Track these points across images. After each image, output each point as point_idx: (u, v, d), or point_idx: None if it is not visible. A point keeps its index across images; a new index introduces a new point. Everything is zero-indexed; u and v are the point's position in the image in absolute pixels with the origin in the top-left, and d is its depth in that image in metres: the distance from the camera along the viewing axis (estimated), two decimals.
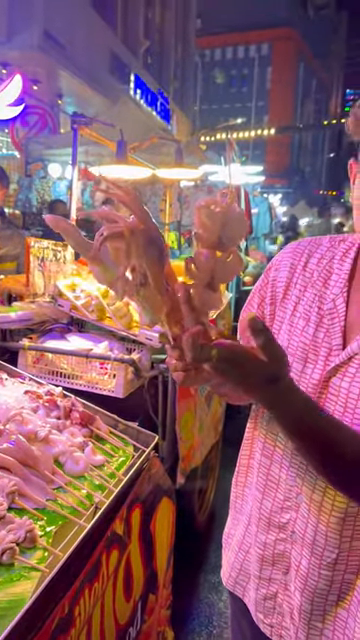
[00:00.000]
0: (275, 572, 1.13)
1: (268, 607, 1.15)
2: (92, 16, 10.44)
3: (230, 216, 0.84)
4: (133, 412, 2.36)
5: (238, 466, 1.28)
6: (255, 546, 1.16)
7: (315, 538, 1.04)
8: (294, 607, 1.09)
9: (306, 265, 1.11)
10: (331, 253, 1.10)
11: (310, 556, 1.05)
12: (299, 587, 1.07)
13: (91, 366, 2.18)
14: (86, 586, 1.27)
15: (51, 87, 9.11)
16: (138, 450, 1.71)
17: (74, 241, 0.91)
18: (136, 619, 1.60)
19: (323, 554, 1.03)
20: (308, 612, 1.07)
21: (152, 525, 1.70)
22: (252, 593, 1.19)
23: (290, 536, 1.09)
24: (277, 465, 1.12)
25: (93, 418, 1.67)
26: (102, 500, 1.39)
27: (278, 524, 1.11)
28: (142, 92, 12.46)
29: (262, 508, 1.14)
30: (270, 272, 1.16)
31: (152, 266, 0.84)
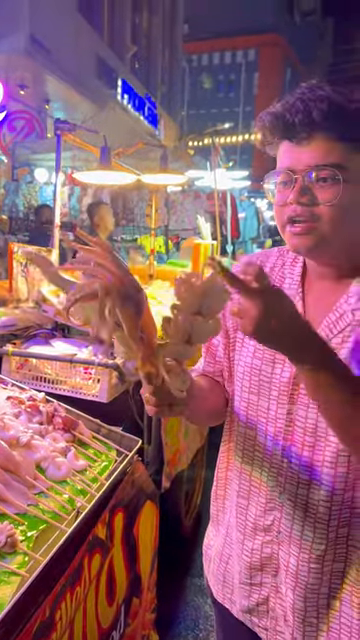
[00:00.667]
0: (265, 576, 1.15)
1: (262, 611, 1.17)
2: (79, 21, 10.44)
3: (211, 289, 0.84)
4: (118, 417, 2.37)
5: (216, 480, 1.30)
6: (243, 554, 1.18)
7: (303, 533, 1.07)
8: (287, 608, 1.11)
9: None
10: (281, 261, 1.15)
11: (299, 553, 1.07)
12: (290, 586, 1.10)
13: (75, 371, 2.18)
14: (67, 590, 1.28)
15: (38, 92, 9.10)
16: (121, 454, 1.72)
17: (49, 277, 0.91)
18: (119, 623, 1.60)
19: (312, 547, 1.06)
20: (302, 610, 1.09)
21: (135, 529, 1.71)
22: (243, 601, 1.20)
23: (276, 537, 1.12)
24: (258, 469, 1.15)
25: (76, 423, 1.68)
26: (84, 505, 1.40)
27: (263, 527, 1.14)
28: (129, 97, 12.46)
29: (248, 515, 1.17)
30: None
31: (127, 321, 0.85)
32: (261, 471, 1.14)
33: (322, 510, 1.05)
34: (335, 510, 1.04)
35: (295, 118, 0.95)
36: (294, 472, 1.07)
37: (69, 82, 9.32)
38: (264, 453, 1.12)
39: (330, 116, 0.93)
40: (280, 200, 1.00)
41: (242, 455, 1.18)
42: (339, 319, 1.03)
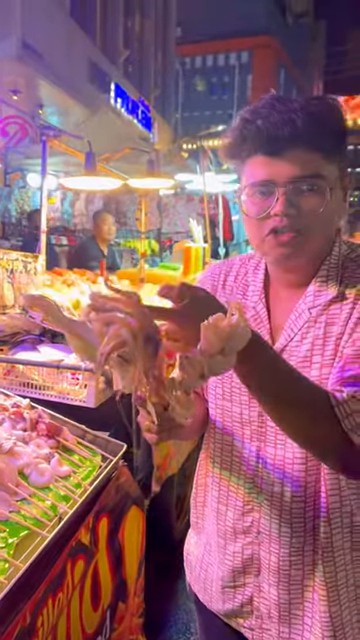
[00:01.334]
0: (247, 577, 1.17)
1: (246, 612, 1.19)
2: (71, 25, 10.45)
3: (236, 331, 0.84)
4: (107, 422, 2.37)
5: (196, 487, 1.32)
6: (225, 559, 1.20)
7: (281, 530, 1.10)
8: (271, 605, 1.13)
9: (224, 283, 1.20)
10: (244, 269, 1.19)
11: (279, 549, 1.10)
12: (274, 583, 1.12)
13: (62, 377, 2.19)
14: (49, 596, 1.29)
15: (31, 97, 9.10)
16: (106, 460, 1.73)
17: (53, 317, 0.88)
18: (105, 628, 1.61)
19: (291, 542, 1.09)
20: (287, 603, 1.12)
21: (121, 534, 1.72)
22: (227, 605, 1.22)
23: (256, 537, 1.14)
24: (235, 473, 1.17)
25: (60, 429, 1.68)
26: (66, 511, 1.41)
27: (242, 529, 1.16)
28: (123, 101, 12.46)
29: (227, 519, 1.19)
30: None
31: (146, 360, 0.85)
32: (238, 475, 1.16)
33: (296, 505, 1.08)
34: (309, 502, 1.08)
35: (273, 131, 0.95)
36: (269, 472, 1.11)
37: (62, 87, 9.32)
38: (241, 457, 1.15)
39: (309, 127, 0.95)
40: (260, 212, 1.01)
41: (220, 461, 1.20)
42: (298, 318, 1.07)
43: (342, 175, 1.03)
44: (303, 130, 0.94)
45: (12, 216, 7.52)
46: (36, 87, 9.11)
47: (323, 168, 0.98)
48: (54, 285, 2.61)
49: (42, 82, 8.91)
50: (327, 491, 1.07)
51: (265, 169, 0.99)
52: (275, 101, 0.98)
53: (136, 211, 5.42)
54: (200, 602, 1.32)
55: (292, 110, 0.95)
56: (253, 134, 0.98)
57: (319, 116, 0.96)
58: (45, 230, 3.12)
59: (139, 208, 4.58)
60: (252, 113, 0.98)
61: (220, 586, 1.23)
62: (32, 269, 2.57)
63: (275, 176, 0.98)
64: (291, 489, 1.08)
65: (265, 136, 0.96)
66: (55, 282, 2.75)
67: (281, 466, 1.09)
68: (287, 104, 0.97)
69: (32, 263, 2.59)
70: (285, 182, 0.98)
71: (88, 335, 0.87)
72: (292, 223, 0.99)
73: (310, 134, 0.95)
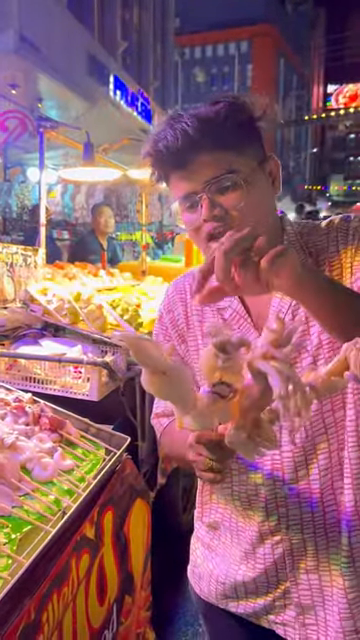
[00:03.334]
0: (281, 572, 1.15)
1: (279, 605, 1.17)
2: (68, 18, 10.38)
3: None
4: (111, 415, 2.37)
5: (200, 504, 1.29)
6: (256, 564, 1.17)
7: (313, 513, 1.09)
8: (313, 592, 1.12)
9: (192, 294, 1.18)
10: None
11: (314, 533, 1.10)
12: (312, 568, 1.11)
13: (65, 370, 2.18)
14: (54, 591, 1.27)
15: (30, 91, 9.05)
16: (110, 453, 1.72)
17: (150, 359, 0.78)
18: (112, 622, 1.60)
19: (325, 520, 1.09)
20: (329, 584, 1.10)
21: (126, 527, 1.70)
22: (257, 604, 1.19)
23: (286, 533, 1.12)
24: (252, 477, 1.14)
25: (63, 423, 1.67)
26: (70, 505, 1.39)
27: (270, 530, 1.14)
28: (122, 93, 12.39)
29: (251, 528, 1.16)
30: (164, 318, 1.26)
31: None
32: (255, 476, 1.14)
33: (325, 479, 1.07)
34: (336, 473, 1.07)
35: (171, 147, 1.00)
36: (288, 458, 1.09)
37: (60, 80, 9.26)
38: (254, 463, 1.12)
39: (202, 130, 0.98)
40: (193, 222, 1.05)
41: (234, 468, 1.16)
42: (282, 301, 1.08)
43: (262, 162, 1.06)
44: (197, 137, 0.98)
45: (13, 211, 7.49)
46: (34, 81, 9.05)
47: (233, 163, 1.00)
48: (55, 278, 2.59)
49: (40, 76, 8.85)
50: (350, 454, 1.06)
51: (182, 184, 1.03)
52: (171, 120, 1.02)
53: (137, 203, 5.39)
54: (213, 612, 1.28)
55: (184, 122, 0.99)
56: (160, 158, 1.03)
57: (211, 117, 1.00)
58: (44, 223, 3.09)
59: (140, 200, 4.55)
60: (153, 140, 1.03)
61: (253, 588, 1.19)
62: (32, 262, 2.55)
63: (192, 187, 1.02)
64: (317, 465, 1.08)
65: (167, 155, 1.01)
66: (56, 275, 2.73)
67: (301, 445, 1.08)
68: (181, 119, 1.00)
69: (32, 256, 2.57)
70: (202, 188, 1.01)
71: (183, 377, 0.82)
72: (223, 225, 1.01)
73: (206, 137, 0.99)
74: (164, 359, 0.78)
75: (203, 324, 1.18)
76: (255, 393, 0.81)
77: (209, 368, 0.81)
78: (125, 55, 14.40)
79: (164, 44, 17.81)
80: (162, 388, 0.81)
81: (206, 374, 0.82)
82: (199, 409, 0.83)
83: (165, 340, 1.26)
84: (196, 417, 0.84)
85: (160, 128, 1.03)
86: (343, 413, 1.07)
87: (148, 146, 1.05)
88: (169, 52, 18.38)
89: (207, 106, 1.03)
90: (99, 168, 3.14)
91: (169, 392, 0.83)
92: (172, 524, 2.89)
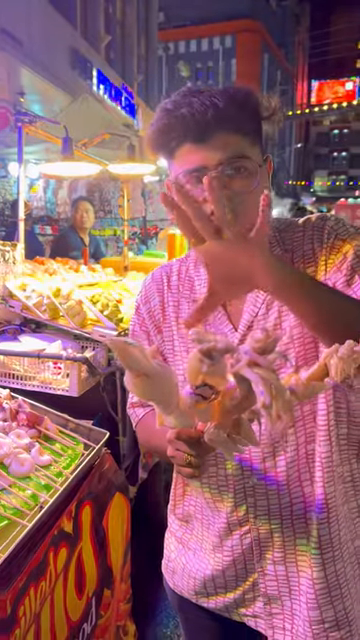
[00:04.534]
0: (249, 563, 1.17)
1: (249, 598, 1.19)
2: (50, 11, 10.28)
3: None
4: (93, 410, 2.37)
5: (173, 499, 1.31)
6: (223, 557, 1.19)
7: (281, 503, 1.11)
8: (279, 583, 1.14)
9: (169, 284, 1.22)
10: (184, 267, 1.22)
11: (281, 524, 1.12)
12: (279, 560, 1.13)
13: (44, 366, 2.17)
14: (31, 585, 1.28)
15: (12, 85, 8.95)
16: (89, 448, 1.72)
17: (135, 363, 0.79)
18: (90, 615, 1.61)
19: (292, 511, 1.11)
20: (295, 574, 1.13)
21: (105, 521, 1.71)
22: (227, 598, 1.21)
23: (253, 523, 1.14)
24: (222, 467, 1.16)
25: (41, 419, 1.67)
26: (47, 499, 1.40)
27: (238, 521, 1.16)
28: (105, 87, 12.32)
29: (219, 519, 1.18)
30: (141, 309, 1.26)
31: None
32: (225, 466, 1.15)
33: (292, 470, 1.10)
34: (303, 465, 1.10)
35: (198, 116, 0.96)
36: (257, 450, 1.11)
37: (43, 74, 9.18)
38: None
39: (231, 110, 0.96)
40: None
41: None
42: (257, 294, 1.10)
43: (264, 159, 1.06)
44: (227, 113, 0.96)
45: None
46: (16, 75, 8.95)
47: (249, 150, 1.00)
48: (35, 274, 2.58)
49: (22, 69, 8.77)
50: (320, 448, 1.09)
51: (194, 156, 0.99)
52: (193, 91, 0.99)
53: (119, 198, 5.36)
54: (187, 606, 1.30)
55: (213, 96, 0.96)
56: (180, 123, 0.98)
57: (238, 99, 0.98)
58: (23, 218, 3.08)
59: (121, 195, 4.54)
60: (174, 103, 0.99)
61: (222, 582, 1.21)
62: (11, 258, 2.54)
63: (205, 162, 0.99)
64: (284, 457, 1.10)
65: (191, 123, 0.97)
66: (36, 271, 2.73)
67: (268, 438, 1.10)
68: (206, 92, 0.98)
69: (10, 252, 2.56)
70: (215, 166, 0.98)
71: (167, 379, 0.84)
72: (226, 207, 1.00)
73: (234, 117, 0.97)
74: (149, 363, 0.80)
75: (179, 315, 1.20)
76: (238, 396, 0.83)
77: (194, 372, 0.82)
78: (109, 49, 14.31)
79: (148, 38, 17.73)
80: (145, 390, 0.82)
81: (190, 378, 0.84)
82: (181, 409, 0.85)
83: (142, 331, 1.27)
84: (178, 416, 0.86)
85: (179, 97, 0.99)
86: (311, 407, 1.09)
87: (165, 110, 1.00)
88: (153, 46, 18.30)
89: (229, 89, 1.00)
90: (79, 163, 3.13)
91: (152, 394, 0.84)
92: (154, 518, 2.91)
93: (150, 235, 8.14)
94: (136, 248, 7.45)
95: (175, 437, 0.92)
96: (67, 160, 2.92)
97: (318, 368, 0.82)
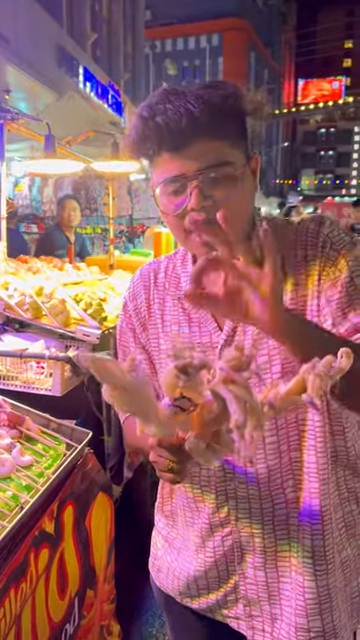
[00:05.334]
0: (230, 565, 1.17)
1: (231, 600, 1.19)
2: (36, 9, 10.20)
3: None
4: (77, 410, 2.36)
5: (161, 496, 1.31)
6: (205, 558, 1.19)
7: (262, 508, 1.10)
8: (259, 588, 1.14)
9: (156, 282, 1.21)
10: (172, 264, 1.21)
11: (262, 528, 1.11)
12: (259, 565, 1.13)
13: (27, 366, 2.16)
14: (11, 586, 1.27)
15: None
16: (71, 448, 1.71)
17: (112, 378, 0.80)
18: (73, 615, 1.60)
19: (274, 516, 1.10)
20: (275, 581, 1.13)
21: (87, 521, 1.70)
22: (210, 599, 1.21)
23: (235, 525, 1.14)
24: (205, 468, 1.15)
25: (22, 419, 1.66)
26: (27, 500, 1.39)
27: (220, 522, 1.16)
28: (92, 85, 12.26)
29: (201, 519, 1.18)
30: (128, 305, 1.25)
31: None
32: (208, 468, 1.14)
33: (274, 477, 1.09)
34: (286, 472, 1.09)
35: (172, 125, 0.93)
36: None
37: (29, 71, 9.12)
38: None
39: (207, 116, 0.93)
40: (176, 208, 1.00)
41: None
42: None
43: (249, 159, 1.03)
44: (202, 120, 0.93)
45: None
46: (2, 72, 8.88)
47: (229, 155, 0.97)
48: (18, 273, 2.56)
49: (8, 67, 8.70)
50: (303, 455, 1.09)
51: (173, 165, 0.97)
52: (169, 94, 0.95)
53: (104, 196, 5.34)
54: (172, 604, 1.30)
55: (188, 101, 0.93)
56: (154, 132, 0.96)
57: (215, 103, 0.94)
58: (5, 217, 3.05)
59: (107, 193, 4.52)
60: (149, 110, 0.96)
61: (204, 584, 1.21)
62: None
63: (183, 170, 0.97)
64: (265, 463, 1.09)
65: (167, 133, 0.94)
66: (20, 270, 2.71)
67: None
68: (182, 96, 0.94)
69: None
70: (195, 175, 0.96)
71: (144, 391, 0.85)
72: (210, 216, 0.95)
73: (210, 123, 0.94)
74: (124, 376, 0.81)
75: (164, 313, 1.19)
76: (215, 410, 0.83)
77: (170, 386, 0.83)
78: (95, 47, 14.25)
79: (135, 36, 17.67)
80: (123, 402, 0.84)
81: (167, 391, 0.85)
82: (160, 420, 0.86)
83: (128, 328, 1.26)
84: (157, 426, 0.87)
85: (154, 102, 0.96)
86: (295, 415, 1.08)
87: (141, 117, 0.97)
88: (140, 44, 18.24)
89: (208, 88, 0.96)
90: (63, 160, 3.10)
91: (130, 405, 0.85)
92: (140, 517, 2.90)
93: (137, 233, 8.13)
94: (123, 246, 7.43)
95: (157, 444, 0.92)
96: (50, 158, 2.90)
97: (296, 383, 0.83)
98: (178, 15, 27.91)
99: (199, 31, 28.90)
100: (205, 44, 29.32)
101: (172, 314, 1.17)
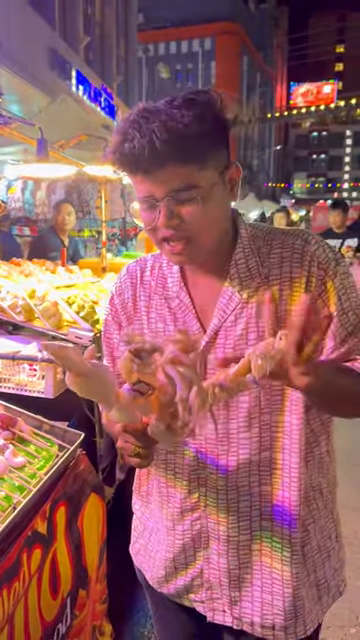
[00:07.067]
0: (197, 551, 1.23)
1: (197, 585, 1.25)
2: (29, 12, 10.23)
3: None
4: (70, 412, 2.37)
5: (139, 477, 1.35)
6: (175, 540, 1.25)
7: (228, 497, 1.16)
8: (220, 574, 1.20)
9: (142, 279, 1.26)
10: (158, 263, 1.25)
11: (227, 517, 1.18)
12: (223, 552, 1.19)
13: (20, 368, 2.17)
14: (4, 586, 1.29)
15: None
16: (63, 449, 1.73)
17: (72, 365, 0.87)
18: (65, 615, 1.62)
19: (238, 508, 1.16)
20: (236, 568, 1.19)
21: (80, 522, 1.72)
22: (178, 583, 1.27)
23: (204, 511, 1.20)
24: (180, 455, 1.21)
25: (14, 420, 1.67)
26: (20, 500, 1.40)
27: (190, 507, 1.22)
28: (85, 88, 12.30)
29: (174, 502, 1.24)
30: (114, 300, 1.30)
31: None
32: (182, 456, 1.20)
33: (242, 471, 1.15)
34: (254, 469, 1.15)
35: (138, 154, 0.98)
36: (212, 445, 1.16)
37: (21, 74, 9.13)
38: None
39: (170, 145, 0.97)
40: (149, 223, 1.08)
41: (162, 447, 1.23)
42: (229, 301, 1.14)
43: (223, 173, 1.07)
44: (164, 150, 0.97)
45: None
46: None
47: (195, 177, 1.02)
48: (10, 276, 2.57)
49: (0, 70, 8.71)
50: (271, 455, 1.15)
51: (144, 186, 1.05)
52: (140, 118, 0.99)
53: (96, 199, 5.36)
54: (151, 587, 1.35)
55: (152, 130, 0.97)
56: (124, 158, 1.02)
57: (181, 131, 0.97)
58: None
59: (99, 196, 4.54)
60: (121, 135, 1.00)
61: (172, 567, 1.26)
62: None
63: (152, 192, 1.04)
64: (236, 458, 1.15)
65: (134, 159, 1.00)
66: (12, 272, 2.72)
67: (224, 439, 1.15)
68: (150, 121, 0.97)
69: None
70: (162, 197, 1.03)
71: (104, 377, 0.91)
72: (178, 233, 1.05)
73: (173, 152, 0.98)
74: (84, 364, 0.87)
75: (150, 309, 1.23)
76: (170, 392, 0.89)
77: (126, 371, 0.90)
78: (88, 50, 14.27)
79: (127, 39, 17.70)
80: (84, 388, 0.90)
81: (124, 376, 0.91)
82: (121, 405, 0.91)
83: (113, 321, 1.30)
84: (120, 411, 0.93)
85: (127, 125, 1.00)
86: (270, 417, 1.14)
87: (113, 143, 1.04)
88: (133, 48, 18.27)
89: (179, 108, 0.99)
90: (56, 164, 3.12)
91: (91, 391, 0.91)
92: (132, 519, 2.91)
93: (130, 236, 8.15)
94: (116, 249, 7.44)
95: (122, 430, 0.98)
96: (42, 162, 2.92)
97: (242, 365, 0.89)
98: (171, 19, 28.01)
99: (192, 35, 29.00)
100: (198, 48, 29.42)
101: (158, 311, 1.22)
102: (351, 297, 1.11)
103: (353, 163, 63.36)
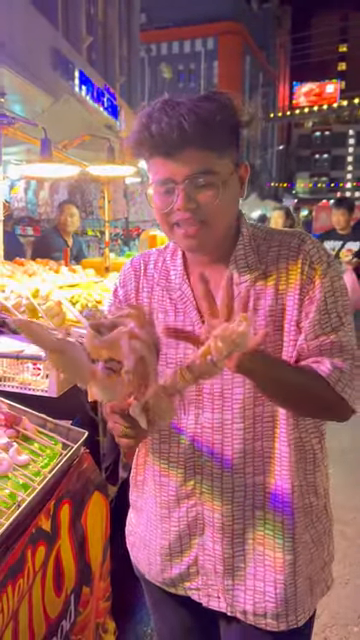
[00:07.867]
0: (192, 538, 1.25)
1: (192, 573, 1.27)
2: (32, 12, 10.26)
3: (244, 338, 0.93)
4: (72, 411, 2.38)
5: (135, 467, 1.37)
6: (171, 527, 1.27)
7: (223, 486, 1.19)
8: (215, 561, 1.22)
9: (145, 271, 1.30)
10: (162, 257, 1.30)
11: (222, 505, 1.20)
12: (218, 539, 1.21)
13: (24, 367, 2.18)
14: (9, 582, 1.30)
15: None
16: (67, 447, 1.74)
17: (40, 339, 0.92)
18: (69, 612, 1.63)
19: (233, 498, 1.19)
20: (230, 557, 1.21)
21: (83, 519, 1.73)
22: (174, 571, 1.29)
23: (199, 498, 1.22)
24: (175, 443, 1.24)
25: (19, 419, 1.69)
26: (24, 498, 1.42)
27: (186, 494, 1.24)
28: (88, 88, 12.31)
29: (169, 490, 1.26)
30: (118, 291, 1.35)
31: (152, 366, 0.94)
32: (178, 444, 1.23)
33: (237, 462, 1.18)
34: (249, 459, 1.18)
35: (165, 135, 1.04)
36: (208, 435, 1.19)
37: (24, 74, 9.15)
38: (179, 427, 1.23)
39: (196, 129, 1.03)
40: (164, 207, 1.12)
41: (159, 435, 1.26)
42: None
43: (237, 166, 1.13)
44: (191, 133, 1.03)
45: None
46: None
47: (215, 164, 1.07)
48: (14, 275, 2.59)
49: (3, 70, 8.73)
50: (263, 447, 1.18)
51: (164, 169, 1.09)
52: (166, 105, 1.05)
53: (99, 199, 5.38)
54: (147, 580, 1.37)
55: (180, 114, 1.03)
56: (149, 139, 1.07)
57: (206, 117, 1.04)
58: (1, 219, 3.08)
59: (102, 196, 4.55)
60: (147, 117, 1.06)
61: (168, 555, 1.28)
62: None
63: (173, 175, 1.08)
64: (231, 447, 1.17)
65: (159, 141, 1.06)
66: (16, 272, 2.73)
67: (219, 428, 1.18)
68: (177, 108, 1.04)
69: None
70: (182, 180, 1.07)
71: (76, 354, 0.94)
72: (194, 216, 1.09)
73: (198, 136, 1.04)
74: (49, 338, 0.92)
75: (152, 300, 1.27)
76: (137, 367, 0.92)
77: (92, 348, 0.93)
78: (90, 50, 14.29)
79: (130, 39, 17.72)
80: (59, 364, 0.95)
81: (92, 354, 0.94)
82: (99, 383, 0.95)
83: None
84: (101, 389, 0.96)
85: (153, 110, 1.06)
86: (262, 409, 1.17)
87: (137, 125, 1.08)
88: (135, 48, 18.30)
89: (203, 100, 1.06)
90: (59, 164, 3.13)
91: (64, 366, 0.96)
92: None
93: (132, 236, 8.17)
94: (118, 249, 7.46)
95: (110, 411, 1.00)
96: (46, 162, 2.94)
97: (206, 348, 0.92)
98: (173, 19, 28.03)
99: (194, 35, 29.00)
100: (200, 47, 29.41)
101: (159, 302, 1.25)
102: (338, 299, 1.14)
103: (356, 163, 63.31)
